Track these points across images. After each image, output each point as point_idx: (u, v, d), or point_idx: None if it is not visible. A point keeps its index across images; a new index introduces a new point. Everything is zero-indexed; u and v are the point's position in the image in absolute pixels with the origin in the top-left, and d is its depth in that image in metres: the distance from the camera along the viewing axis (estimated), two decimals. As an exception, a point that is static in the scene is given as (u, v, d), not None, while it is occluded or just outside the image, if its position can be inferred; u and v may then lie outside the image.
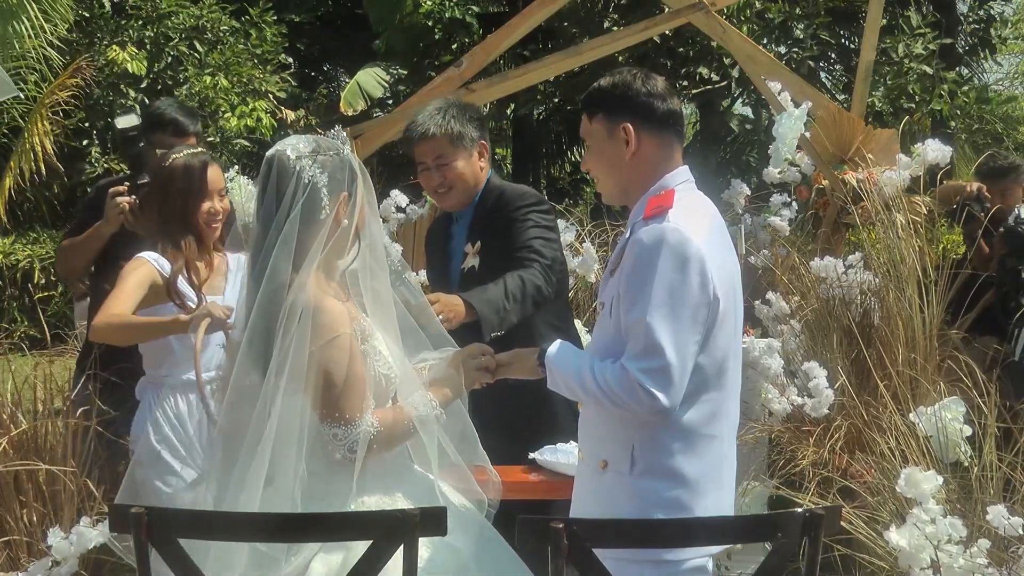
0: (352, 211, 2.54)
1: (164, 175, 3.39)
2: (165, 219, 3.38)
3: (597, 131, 2.63)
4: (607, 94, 2.63)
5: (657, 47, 12.37)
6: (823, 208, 5.46)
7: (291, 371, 2.42)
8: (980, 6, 13.85)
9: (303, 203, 2.47)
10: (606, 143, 2.62)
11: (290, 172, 2.49)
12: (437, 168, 3.58)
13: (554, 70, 7.29)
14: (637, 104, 2.59)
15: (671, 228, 2.45)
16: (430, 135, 3.55)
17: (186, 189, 3.37)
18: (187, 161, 3.39)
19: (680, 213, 2.49)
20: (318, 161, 2.50)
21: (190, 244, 3.36)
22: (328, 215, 2.49)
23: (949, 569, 3.11)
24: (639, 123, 2.58)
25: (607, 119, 2.61)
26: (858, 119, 5.47)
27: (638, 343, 2.42)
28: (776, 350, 4.17)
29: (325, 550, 2.39)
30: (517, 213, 3.55)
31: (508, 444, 3.46)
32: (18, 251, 11.21)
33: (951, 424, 3.66)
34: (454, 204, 3.65)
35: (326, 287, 2.52)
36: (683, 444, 2.49)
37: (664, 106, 2.61)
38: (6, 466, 3.60)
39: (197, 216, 3.38)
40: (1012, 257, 5.42)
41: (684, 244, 2.43)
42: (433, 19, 12.90)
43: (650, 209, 2.51)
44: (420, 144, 3.58)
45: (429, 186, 3.65)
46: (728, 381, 2.57)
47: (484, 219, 3.61)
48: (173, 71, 11.79)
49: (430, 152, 3.58)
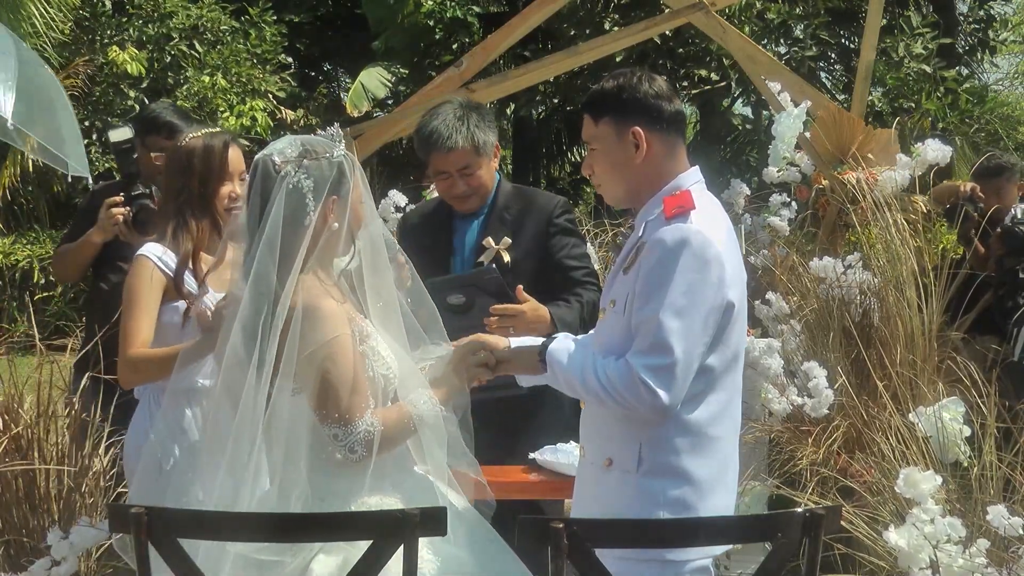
0: (343, 213, 2.53)
1: (182, 155, 3.13)
2: (182, 203, 3.11)
3: (604, 134, 2.60)
4: (614, 97, 2.60)
5: (657, 47, 12.38)
6: (823, 208, 5.46)
7: (285, 373, 2.42)
8: (980, 7, 13.86)
9: (287, 208, 2.47)
10: (614, 146, 2.60)
11: (274, 177, 2.49)
12: (461, 177, 3.57)
13: (554, 70, 7.29)
14: (647, 107, 2.58)
15: (694, 230, 2.45)
16: (458, 148, 3.52)
17: (206, 171, 3.11)
18: (207, 141, 3.14)
19: (702, 215, 2.49)
20: (304, 166, 2.50)
21: (204, 229, 3.10)
22: (313, 220, 2.48)
23: (948, 569, 3.11)
24: (649, 126, 2.57)
25: (615, 122, 2.59)
26: (858, 119, 5.47)
27: (646, 339, 2.42)
28: (776, 350, 4.18)
29: (325, 551, 2.39)
30: (561, 220, 3.61)
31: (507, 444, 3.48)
32: (18, 251, 11.21)
33: (950, 424, 3.66)
34: (473, 207, 3.65)
35: (325, 289, 2.52)
36: (690, 444, 2.49)
37: (671, 107, 2.60)
38: (6, 466, 3.60)
39: (216, 200, 3.12)
40: (1010, 257, 5.43)
41: (706, 247, 2.44)
42: (434, 19, 12.91)
43: (672, 208, 2.50)
44: (446, 154, 3.54)
45: (451, 193, 3.62)
46: (734, 383, 2.58)
47: (504, 216, 3.62)
48: (173, 71, 11.80)
49: (454, 162, 3.55)
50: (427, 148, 3.58)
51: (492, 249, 3.57)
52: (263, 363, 2.43)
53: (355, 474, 2.46)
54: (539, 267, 3.57)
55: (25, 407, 3.77)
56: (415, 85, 11.14)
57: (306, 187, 2.49)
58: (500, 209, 3.63)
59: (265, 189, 2.50)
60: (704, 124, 14.88)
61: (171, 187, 3.16)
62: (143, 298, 3.01)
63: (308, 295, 2.46)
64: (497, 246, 3.57)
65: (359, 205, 2.58)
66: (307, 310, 2.44)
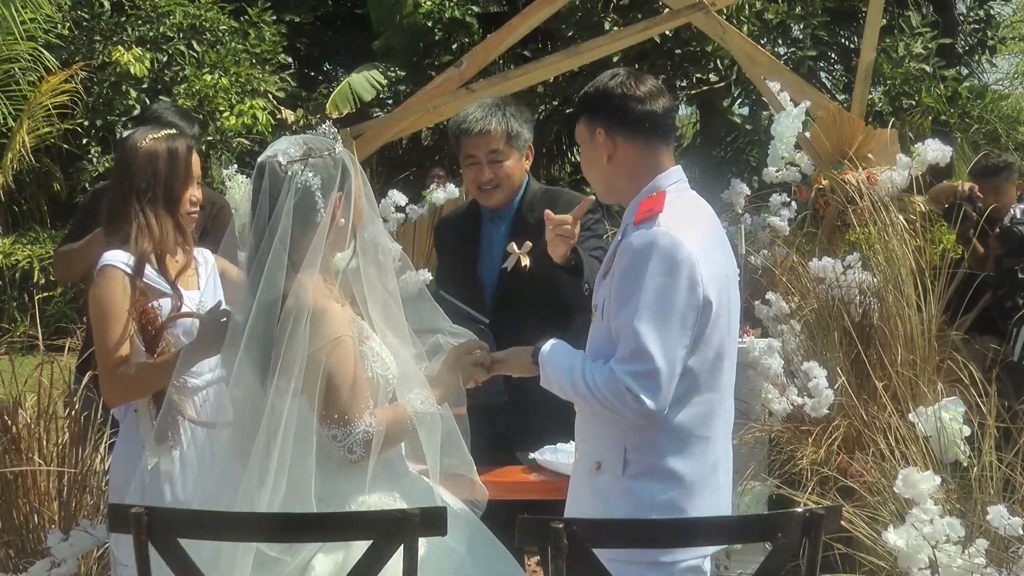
0: (348, 209, 2.54)
1: (143, 157, 2.96)
2: (144, 206, 2.94)
3: (580, 134, 2.66)
4: (587, 97, 2.64)
5: (656, 48, 12.37)
6: (823, 208, 5.46)
7: (288, 373, 2.42)
8: (979, 6, 13.86)
9: (298, 208, 2.48)
10: (587, 146, 2.65)
11: (282, 177, 2.49)
12: (489, 163, 3.56)
13: (554, 70, 7.29)
14: (611, 108, 2.59)
15: (661, 232, 2.45)
16: (490, 130, 3.53)
17: (171, 175, 2.97)
18: (169, 144, 2.99)
19: (671, 216, 2.49)
20: (310, 164, 2.50)
21: (168, 232, 2.96)
22: (324, 217, 2.49)
23: (948, 569, 3.11)
24: (613, 127, 2.58)
25: (587, 123, 2.63)
26: (858, 119, 5.47)
27: (627, 347, 2.42)
28: (776, 350, 4.18)
29: (325, 551, 2.40)
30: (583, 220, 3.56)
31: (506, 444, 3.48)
32: (18, 251, 11.20)
33: (950, 424, 3.66)
34: (498, 202, 3.63)
35: (328, 290, 2.52)
36: (676, 445, 2.49)
37: (641, 108, 2.58)
38: (6, 466, 3.60)
39: (181, 206, 3.01)
40: (1009, 257, 5.43)
41: (674, 248, 2.43)
42: (433, 19, 12.91)
43: (641, 213, 2.51)
44: (477, 138, 3.54)
45: (476, 180, 3.60)
46: (722, 381, 2.57)
47: (528, 218, 3.59)
48: (172, 70, 11.80)
49: (485, 146, 3.55)
50: (459, 131, 3.59)
51: (514, 255, 3.54)
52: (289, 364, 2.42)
53: (353, 475, 2.47)
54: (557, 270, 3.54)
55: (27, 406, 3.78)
56: (415, 85, 11.13)
57: (315, 185, 2.49)
58: (524, 212, 3.62)
59: (274, 190, 2.49)
60: (704, 124, 14.88)
61: (130, 189, 2.97)
62: (119, 310, 2.85)
63: (315, 295, 2.47)
64: (519, 251, 3.55)
65: (360, 199, 2.58)
66: (315, 311, 2.44)
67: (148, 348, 2.85)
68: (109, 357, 2.84)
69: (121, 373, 2.83)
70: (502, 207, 3.63)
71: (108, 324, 2.84)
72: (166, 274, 2.94)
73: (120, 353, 2.83)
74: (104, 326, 2.85)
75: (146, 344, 2.85)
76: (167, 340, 2.87)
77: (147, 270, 2.91)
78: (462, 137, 3.58)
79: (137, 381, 2.84)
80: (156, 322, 2.85)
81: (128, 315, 2.84)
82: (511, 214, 3.64)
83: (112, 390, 2.88)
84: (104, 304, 2.86)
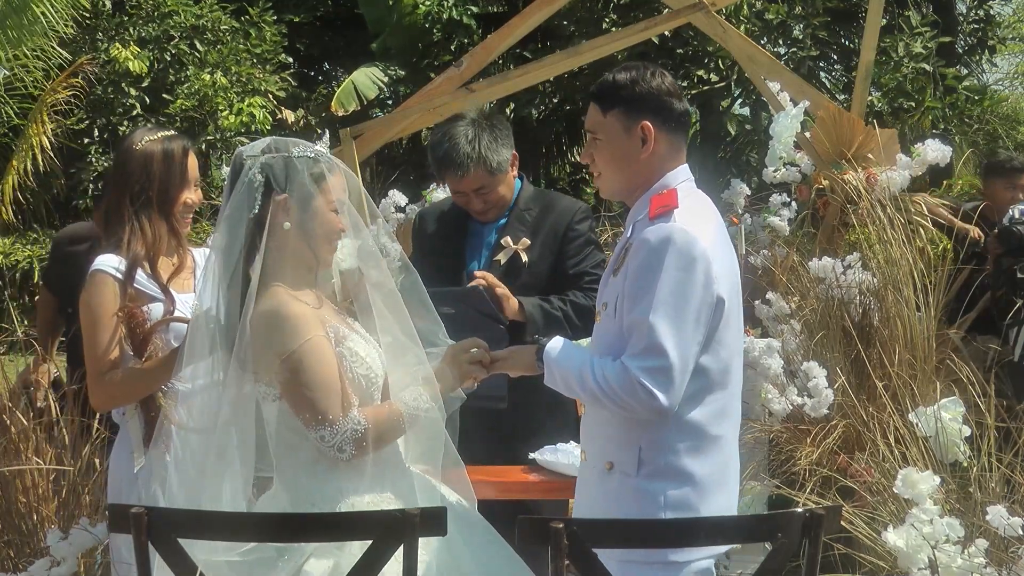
0: (299, 213, 2.49)
1: (138, 159, 2.92)
2: (138, 209, 2.90)
3: (611, 126, 2.58)
4: (626, 89, 2.58)
5: (656, 48, 12.37)
6: (823, 208, 5.46)
7: (260, 379, 2.43)
8: (979, 6, 13.86)
9: (242, 203, 2.47)
10: (620, 139, 2.58)
11: (237, 170, 2.51)
12: (477, 196, 3.56)
13: (554, 70, 7.28)
14: (659, 103, 2.57)
15: (678, 228, 2.44)
16: (470, 174, 3.50)
17: (166, 177, 2.92)
18: (165, 146, 2.94)
19: (686, 213, 2.48)
20: (260, 161, 2.49)
21: (162, 235, 2.91)
22: (255, 215, 2.47)
23: (947, 569, 3.11)
24: (658, 122, 2.56)
25: (625, 115, 2.57)
26: (858, 119, 5.46)
27: (640, 342, 2.41)
28: (776, 350, 4.18)
29: (316, 555, 2.37)
30: (580, 227, 3.58)
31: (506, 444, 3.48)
32: (18, 251, 11.20)
33: (950, 424, 3.66)
34: (492, 218, 3.64)
35: (292, 295, 2.49)
36: (690, 444, 2.48)
37: (681, 105, 2.60)
38: (6, 466, 3.60)
39: (175, 209, 2.95)
40: (1008, 257, 5.44)
41: (691, 244, 2.43)
42: (431, 20, 12.90)
43: (655, 208, 2.50)
44: (460, 180, 3.53)
45: (469, 208, 3.61)
46: (733, 381, 2.57)
47: (524, 216, 3.60)
48: (174, 70, 11.80)
49: (468, 186, 3.54)
50: (441, 170, 3.58)
51: (510, 248, 3.54)
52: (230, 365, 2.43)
53: (346, 475, 2.45)
54: (554, 271, 3.55)
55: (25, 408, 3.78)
56: (414, 85, 11.13)
57: (257, 182, 2.48)
58: (521, 211, 3.61)
59: (231, 182, 2.51)
60: (704, 124, 14.87)
61: (124, 191, 2.93)
62: (109, 316, 2.81)
63: (275, 300, 2.45)
64: (516, 246, 3.55)
65: (327, 213, 2.52)
66: (273, 316, 2.43)
67: (136, 352, 2.84)
68: (97, 363, 2.82)
69: (108, 379, 2.82)
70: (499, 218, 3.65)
71: (97, 330, 2.82)
72: (158, 278, 2.90)
73: (108, 358, 2.81)
74: (93, 331, 2.83)
75: (134, 348, 2.84)
76: (155, 344, 2.84)
77: (139, 274, 2.88)
78: (445, 175, 3.56)
79: (123, 387, 2.83)
80: (144, 326, 2.83)
81: (116, 319, 2.81)
82: (505, 213, 3.65)
83: (99, 395, 2.87)
84: (94, 310, 2.84)
